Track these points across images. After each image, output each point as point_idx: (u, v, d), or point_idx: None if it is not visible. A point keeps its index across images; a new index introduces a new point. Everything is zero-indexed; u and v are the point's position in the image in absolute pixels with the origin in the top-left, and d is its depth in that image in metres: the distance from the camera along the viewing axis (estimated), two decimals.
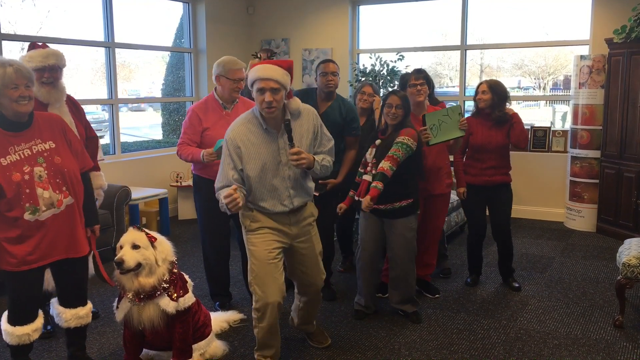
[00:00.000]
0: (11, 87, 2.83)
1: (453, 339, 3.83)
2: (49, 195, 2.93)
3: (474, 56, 8.14)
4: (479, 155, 4.51)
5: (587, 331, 3.94)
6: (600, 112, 6.35)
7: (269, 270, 3.16)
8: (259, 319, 3.23)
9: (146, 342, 3.25)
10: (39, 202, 2.90)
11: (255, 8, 8.35)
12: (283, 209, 3.19)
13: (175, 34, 7.85)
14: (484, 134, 4.48)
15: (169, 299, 3.06)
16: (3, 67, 2.83)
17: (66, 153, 3.05)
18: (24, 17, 5.96)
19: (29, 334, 3.05)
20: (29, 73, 2.91)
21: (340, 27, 7.89)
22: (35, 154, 2.94)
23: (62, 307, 3.22)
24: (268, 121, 3.10)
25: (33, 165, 2.91)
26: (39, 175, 2.92)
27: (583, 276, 5.03)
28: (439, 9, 7.76)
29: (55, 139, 3.03)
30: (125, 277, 3.02)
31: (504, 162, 4.55)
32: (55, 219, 2.97)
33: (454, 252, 5.68)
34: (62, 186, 2.99)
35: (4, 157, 2.87)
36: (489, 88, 4.47)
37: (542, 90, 9.16)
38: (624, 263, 3.93)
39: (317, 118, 3.28)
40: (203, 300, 4.04)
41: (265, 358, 3.37)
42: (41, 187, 2.91)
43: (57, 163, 2.98)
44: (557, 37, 7.25)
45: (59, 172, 2.98)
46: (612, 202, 6.23)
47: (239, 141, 3.10)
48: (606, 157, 6.30)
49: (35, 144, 2.96)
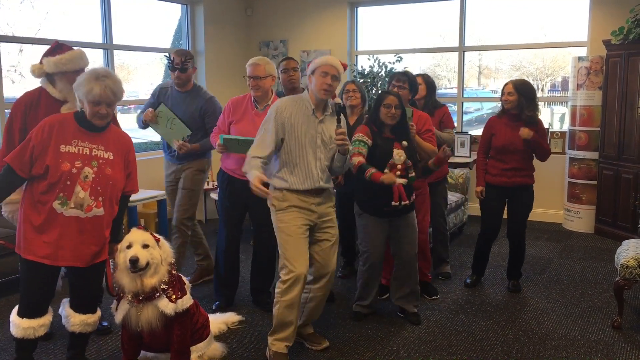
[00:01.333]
0: (94, 104, 2.96)
1: (452, 340, 3.83)
2: (83, 196, 2.98)
3: (472, 57, 8.15)
4: (501, 156, 4.48)
5: (586, 332, 3.94)
6: (598, 113, 6.36)
7: (297, 244, 3.40)
8: (284, 292, 3.37)
9: (144, 344, 3.25)
10: (71, 197, 2.96)
11: (253, 10, 8.35)
12: (310, 186, 3.44)
13: (173, 36, 7.84)
14: (507, 135, 4.43)
15: (167, 301, 3.06)
16: (94, 84, 2.95)
17: (119, 169, 3.13)
18: (22, 18, 5.95)
19: (35, 328, 3.06)
20: (114, 94, 3.01)
21: (338, 29, 7.90)
22: (93, 156, 3.03)
23: (71, 311, 3.23)
24: (317, 105, 3.45)
25: (85, 164, 3.00)
26: (86, 175, 2.99)
27: (581, 277, 5.04)
28: (437, 10, 7.77)
29: (116, 154, 3.13)
30: (127, 277, 3.01)
31: (526, 164, 4.50)
32: (77, 221, 2.99)
33: (452, 253, 5.68)
34: (99, 195, 3.04)
35: (64, 145, 2.98)
36: (514, 89, 4.40)
37: (540, 92, 9.16)
38: (622, 264, 3.93)
39: (345, 124, 3.58)
40: (202, 301, 4.04)
41: (280, 342, 3.42)
42: (81, 186, 2.98)
43: (107, 173, 3.06)
44: (555, 39, 7.27)
45: (104, 181, 3.05)
46: (610, 204, 6.23)
47: (287, 112, 3.41)
48: (604, 159, 6.31)
49: (97, 148, 3.06)
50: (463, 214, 6.38)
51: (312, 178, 3.44)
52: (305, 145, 3.42)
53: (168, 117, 4.33)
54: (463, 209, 6.36)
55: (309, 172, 3.44)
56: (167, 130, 4.39)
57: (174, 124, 4.34)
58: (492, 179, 4.54)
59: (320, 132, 3.46)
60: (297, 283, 3.35)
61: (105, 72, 3.02)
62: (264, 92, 4.07)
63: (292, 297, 3.37)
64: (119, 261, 3.04)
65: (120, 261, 3.03)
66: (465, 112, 7.95)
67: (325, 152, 3.49)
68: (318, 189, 3.48)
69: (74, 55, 3.60)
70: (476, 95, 8.97)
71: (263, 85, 4.05)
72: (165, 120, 4.34)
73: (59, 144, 2.97)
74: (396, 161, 3.80)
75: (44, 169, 2.94)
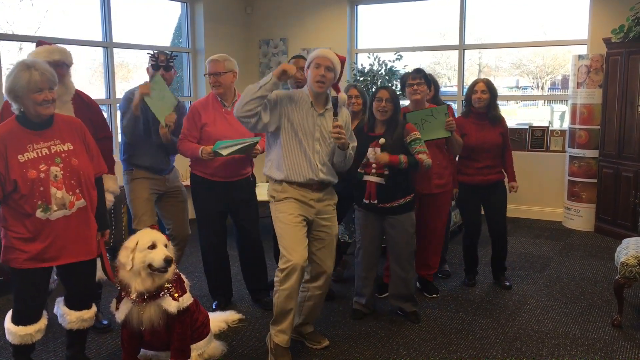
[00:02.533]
0: (36, 91, 2.87)
1: (452, 338, 3.83)
2: (61, 195, 2.94)
3: (472, 56, 8.14)
4: (475, 155, 4.51)
5: (586, 331, 3.94)
6: (598, 111, 6.35)
7: (294, 232, 3.38)
8: (282, 281, 3.35)
9: (144, 343, 3.25)
10: (51, 201, 2.92)
11: (253, 8, 8.34)
12: (309, 179, 3.42)
13: (173, 34, 7.84)
14: (478, 134, 4.48)
15: (171, 299, 3.06)
16: (29, 71, 2.86)
17: (83, 156, 3.08)
18: (22, 16, 5.94)
19: (32, 334, 3.05)
20: (52, 76, 2.94)
21: (338, 27, 7.89)
22: (53, 153, 2.97)
23: (67, 309, 3.22)
24: (315, 98, 3.43)
25: (50, 165, 2.94)
26: (55, 175, 2.94)
27: (581, 276, 5.04)
28: (437, 8, 7.76)
29: (74, 142, 3.06)
30: (138, 278, 2.99)
31: (498, 160, 4.59)
32: (65, 220, 2.97)
33: (452, 252, 5.68)
34: (76, 188, 3.00)
35: (21, 154, 2.90)
36: (487, 87, 4.46)
37: (540, 90, 9.16)
38: (622, 263, 3.93)
39: (349, 118, 3.66)
40: (201, 300, 4.04)
41: (283, 334, 3.42)
42: (55, 187, 2.93)
43: (74, 165, 3.00)
44: (555, 37, 7.26)
45: (74, 174, 3.00)
46: (610, 202, 6.23)
47: (285, 102, 3.41)
48: (604, 157, 6.31)
49: (54, 144, 2.98)
50: None
51: (311, 169, 3.41)
52: (303, 136, 3.40)
53: (161, 88, 4.03)
54: None
55: (308, 163, 3.41)
56: (159, 103, 4.03)
57: (165, 96, 4.05)
58: (468, 179, 4.57)
59: (320, 125, 3.44)
60: (294, 272, 3.32)
61: (33, 60, 2.94)
62: (225, 88, 4.04)
63: (290, 286, 3.34)
64: (136, 261, 2.99)
65: (138, 261, 2.99)
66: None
67: (324, 146, 3.46)
68: (319, 182, 3.46)
69: (42, 49, 3.56)
70: None
71: (224, 82, 4.02)
72: (159, 92, 4.02)
73: (16, 155, 2.88)
74: (371, 159, 3.81)
75: (13, 184, 2.87)
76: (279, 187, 3.47)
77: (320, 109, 3.44)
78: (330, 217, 3.57)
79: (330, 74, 3.38)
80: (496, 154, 4.55)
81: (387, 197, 3.82)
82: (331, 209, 3.59)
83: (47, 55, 3.50)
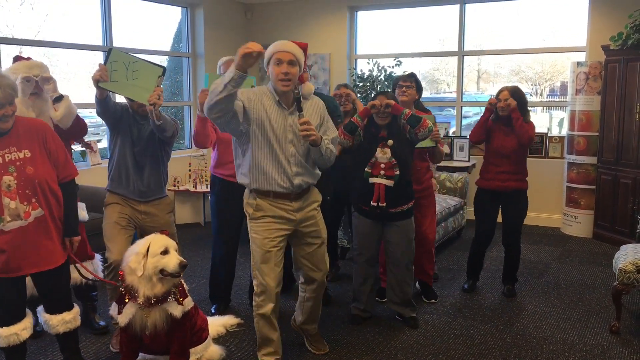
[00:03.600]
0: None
1: (450, 344, 3.83)
2: (15, 206, 2.85)
3: (471, 62, 8.16)
4: (495, 160, 4.49)
5: (584, 337, 3.94)
6: (596, 118, 6.37)
7: (267, 258, 3.24)
8: (257, 306, 3.30)
9: (143, 346, 3.24)
10: (4, 212, 2.83)
11: (253, 13, 8.37)
12: (283, 189, 3.20)
13: (173, 39, 7.86)
14: (499, 139, 4.46)
15: (176, 304, 3.06)
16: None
17: (42, 163, 2.96)
18: (22, 20, 5.95)
19: (17, 333, 3.02)
20: (14, 90, 2.85)
21: (338, 33, 7.91)
22: (7, 162, 2.86)
23: (47, 315, 3.18)
24: (281, 96, 3.16)
25: (2, 174, 2.83)
26: (8, 184, 2.84)
27: (579, 282, 5.04)
28: (437, 15, 7.79)
29: (32, 148, 2.94)
30: (148, 283, 2.98)
31: (518, 168, 4.50)
32: (22, 231, 2.89)
33: (451, 257, 5.69)
34: (31, 197, 2.89)
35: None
36: (511, 95, 4.40)
37: (539, 97, 9.18)
38: (620, 269, 3.94)
39: (324, 108, 3.37)
40: (200, 304, 4.04)
41: (269, 356, 3.39)
42: (8, 197, 2.83)
43: (28, 173, 2.89)
44: (554, 44, 7.28)
45: (29, 182, 2.89)
46: (608, 208, 6.24)
47: (251, 99, 3.11)
48: (603, 164, 6.32)
49: (9, 152, 2.87)
50: (462, 218, 6.39)
51: (286, 177, 3.18)
52: (275, 141, 3.14)
53: (126, 64, 3.33)
54: (462, 213, 6.37)
55: (282, 171, 3.17)
56: (130, 84, 3.36)
57: (137, 70, 3.35)
58: (486, 183, 4.55)
59: (292, 125, 3.17)
60: (268, 297, 3.25)
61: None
62: None
63: (266, 312, 3.27)
64: (149, 267, 2.96)
65: (151, 267, 2.96)
66: (464, 116, 7.96)
67: (299, 147, 3.20)
68: (296, 191, 3.24)
69: (20, 65, 3.53)
70: (475, 100, 8.98)
71: None
72: (124, 71, 3.33)
73: None
74: (380, 159, 3.80)
75: None
76: (254, 202, 3.25)
77: (289, 106, 3.19)
78: (314, 222, 3.38)
79: (294, 69, 3.10)
80: (516, 160, 4.48)
81: (395, 201, 3.82)
82: (315, 213, 3.39)
83: (26, 71, 3.48)
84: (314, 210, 3.40)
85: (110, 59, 3.33)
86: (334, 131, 3.39)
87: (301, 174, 3.24)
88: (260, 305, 3.29)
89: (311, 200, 3.39)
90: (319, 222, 3.42)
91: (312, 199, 3.40)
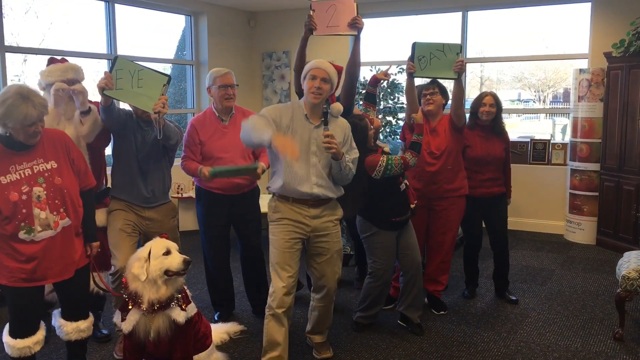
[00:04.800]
0: (30, 125, 2.84)
1: (453, 351, 3.83)
2: (45, 216, 2.91)
3: (474, 69, 8.18)
4: (478, 168, 4.50)
5: (587, 344, 3.94)
6: (599, 125, 6.38)
7: (284, 258, 3.37)
8: (270, 306, 3.40)
9: (146, 353, 3.25)
10: (34, 223, 2.88)
11: (256, 21, 8.41)
12: (302, 194, 3.34)
13: (177, 47, 7.90)
14: (482, 146, 4.47)
15: (179, 309, 3.08)
16: (25, 105, 2.79)
17: (68, 173, 3.03)
18: (27, 29, 6.00)
19: (30, 346, 3.04)
20: (44, 108, 2.90)
21: (340, 40, 7.92)
22: (35, 173, 2.92)
23: (63, 320, 3.21)
24: (311, 110, 3.37)
25: (32, 185, 2.89)
26: (38, 195, 2.90)
27: (583, 289, 5.04)
28: (439, 22, 7.82)
29: (57, 159, 3.01)
30: (153, 287, 2.99)
31: (500, 173, 4.58)
32: (51, 240, 2.95)
33: (453, 264, 5.68)
34: (60, 207, 2.96)
35: (4, 176, 2.86)
36: (495, 101, 4.44)
37: (542, 103, 9.19)
38: (624, 276, 3.94)
39: (349, 130, 3.51)
40: (203, 311, 4.04)
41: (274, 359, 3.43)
42: (38, 208, 2.89)
43: (57, 184, 2.96)
44: (556, 51, 7.30)
45: (58, 193, 2.96)
46: (611, 215, 6.24)
47: (282, 115, 3.32)
48: (606, 170, 6.33)
49: (37, 164, 2.94)
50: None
51: (306, 184, 3.31)
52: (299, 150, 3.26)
53: (131, 73, 3.39)
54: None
55: (304, 178, 3.31)
56: (135, 92, 3.39)
57: (142, 78, 3.39)
58: (471, 191, 4.49)
59: (316, 139, 3.33)
60: (281, 295, 3.35)
61: (28, 90, 2.85)
62: (234, 101, 4.02)
63: (278, 311, 3.36)
64: (152, 269, 2.99)
65: (154, 269, 2.99)
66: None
67: (321, 159, 3.35)
68: (315, 198, 3.36)
69: (55, 68, 3.50)
70: None
71: (235, 94, 4.01)
72: (130, 79, 3.37)
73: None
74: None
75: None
76: (273, 204, 3.43)
77: (316, 122, 3.37)
78: (328, 234, 3.46)
79: (327, 85, 3.32)
80: (499, 166, 4.55)
81: (406, 207, 3.91)
82: (331, 226, 3.48)
83: (60, 75, 3.45)
84: (330, 223, 3.48)
85: (115, 67, 3.37)
86: (355, 152, 3.51)
87: (321, 185, 3.36)
88: (273, 304, 3.38)
89: (329, 212, 3.48)
90: (333, 235, 3.49)
91: (331, 212, 3.49)
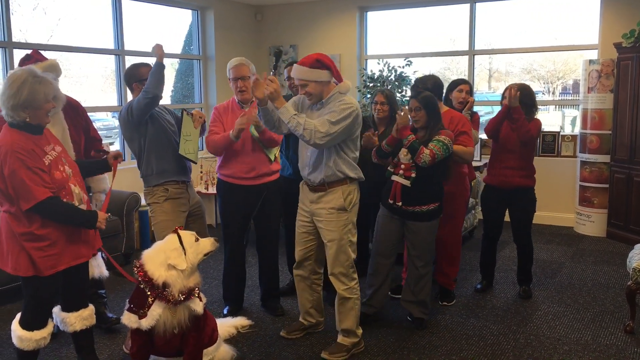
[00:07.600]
0: (49, 101, 2.89)
1: (462, 344, 3.82)
2: (78, 191, 3.02)
3: (482, 61, 8.14)
4: (500, 155, 4.49)
5: (598, 337, 3.92)
6: (609, 116, 6.33)
7: (295, 235, 3.78)
8: (294, 274, 3.88)
9: (155, 349, 3.23)
10: (73, 198, 2.97)
11: (263, 15, 8.39)
12: (305, 179, 3.65)
13: (184, 41, 7.90)
14: (505, 132, 4.44)
15: (198, 300, 3.10)
16: (43, 84, 2.84)
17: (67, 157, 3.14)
18: (35, 25, 6.01)
19: (45, 337, 3.06)
20: (57, 83, 2.99)
21: (348, 33, 7.92)
22: (59, 153, 3.02)
23: (65, 313, 3.22)
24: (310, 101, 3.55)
25: (62, 164, 2.99)
26: (69, 172, 3.01)
27: (593, 281, 5.01)
28: (447, 14, 7.77)
29: (58, 143, 3.12)
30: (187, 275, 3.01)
31: (523, 163, 4.45)
32: None
33: (463, 257, 5.65)
34: (82, 183, 3.11)
35: (44, 157, 2.90)
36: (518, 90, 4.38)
37: (551, 95, 9.13)
38: (634, 268, 3.91)
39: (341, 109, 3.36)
40: (212, 305, 4.06)
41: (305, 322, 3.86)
42: (72, 184, 3.00)
43: (71, 162, 3.09)
44: (565, 42, 7.24)
45: (76, 169, 3.10)
46: (622, 207, 6.20)
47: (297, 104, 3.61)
48: (616, 162, 6.28)
49: (53, 148, 3.01)
50: (474, 218, 6.37)
51: (302, 166, 3.62)
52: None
53: (187, 132, 3.83)
54: (474, 212, 6.34)
55: (301, 160, 3.63)
56: (184, 138, 3.82)
57: (188, 141, 3.83)
58: (492, 178, 4.52)
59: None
60: (298, 267, 3.81)
61: (34, 70, 2.89)
62: (249, 92, 3.99)
63: (298, 276, 3.83)
64: (191, 257, 3.03)
65: (193, 256, 3.06)
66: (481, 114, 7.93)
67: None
68: (308, 181, 3.59)
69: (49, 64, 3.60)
70: (487, 99, 8.96)
71: (249, 86, 3.95)
72: (186, 130, 3.82)
73: (42, 158, 2.87)
74: (402, 160, 3.83)
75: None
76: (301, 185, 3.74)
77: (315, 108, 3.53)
78: (323, 220, 3.52)
79: (309, 88, 3.42)
80: (521, 155, 4.43)
81: (412, 200, 3.80)
82: (324, 213, 3.51)
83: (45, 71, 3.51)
84: (324, 211, 3.51)
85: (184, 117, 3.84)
86: (322, 124, 3.30)
87: (314, 172, 3.51)
88: (294, 272, 3.85)
89: (326, 200, 3.51)
90: (328, 223, 3.52)
91: (327, 200, 3.51)
